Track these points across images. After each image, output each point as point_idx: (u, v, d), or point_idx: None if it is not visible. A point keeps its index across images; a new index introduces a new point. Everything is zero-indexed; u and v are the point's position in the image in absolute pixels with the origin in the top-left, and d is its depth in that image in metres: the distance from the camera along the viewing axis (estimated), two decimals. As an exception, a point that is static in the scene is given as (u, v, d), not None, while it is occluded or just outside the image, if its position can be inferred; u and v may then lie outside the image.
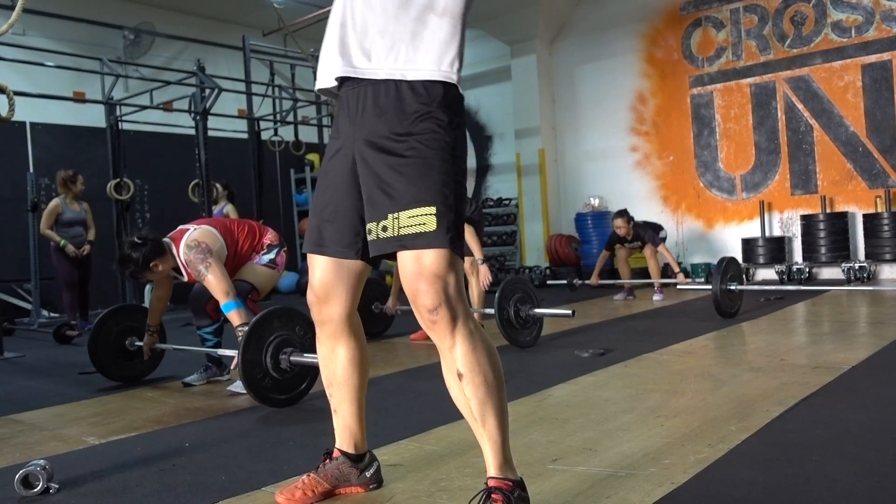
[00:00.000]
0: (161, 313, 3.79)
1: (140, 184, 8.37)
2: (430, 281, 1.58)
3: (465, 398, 1.63)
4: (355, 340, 1.91)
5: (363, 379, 1.94)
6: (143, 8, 9.28)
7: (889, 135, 7.64)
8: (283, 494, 1.92)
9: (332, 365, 1.92)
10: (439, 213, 1.59)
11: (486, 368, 1.62)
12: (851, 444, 2.20)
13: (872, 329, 4.55)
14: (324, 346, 1.92)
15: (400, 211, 1.61)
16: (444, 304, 1.58)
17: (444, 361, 1.66)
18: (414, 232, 1.59)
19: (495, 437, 1.64)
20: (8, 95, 4.77)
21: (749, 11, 8.47)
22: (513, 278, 4.60)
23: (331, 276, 1.83)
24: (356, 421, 1.95)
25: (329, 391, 1.95)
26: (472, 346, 1.61)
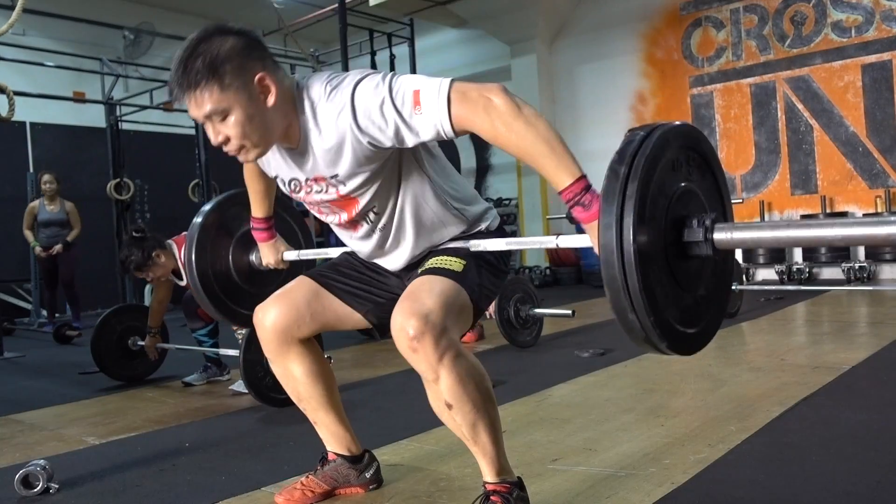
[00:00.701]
0: (161, 315, 3.79)
1: (140, 184, 8.36)
2: (419, 306, 1.48)
3: (455, 424, 1.59)
4: (307, 354, 1.83)
5: (328, 387, 1.88)
6: (143, 8, 9.29)
7: (889, 135, 7.64)
8: (282, 495, 1.92)
9: (292, 383, 1.87)
10: (467, 266, 1.62)
11: (473, 395, 1.54)
12: (851, 444, 2.20)
13: (872, 329, 4.54)
14: (277, 365, 1.86)
15: (432, 257, 1.65)
16: (427, 332, 1.46)
17: (428, 390, 1.58)
18: (436, 266, 1.61)
19: (489, 450, 1.63)
20: (8, 95, 4.77)
21: (749, 11, 8.46)
22: (513, 278, 4.60)
23: (300, 296, 1.78)
24: (339, 426, 1.94)
25: (301, 406, 1.92)
26: (458, 379, 1.51)
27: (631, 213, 1.12)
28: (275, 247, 2.03)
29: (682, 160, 1.26)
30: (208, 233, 2.09)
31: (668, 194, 1.22)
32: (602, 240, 1.14)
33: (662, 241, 1.20)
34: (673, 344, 1.23)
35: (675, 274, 1.23)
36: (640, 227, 1.13)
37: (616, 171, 1.16)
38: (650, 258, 1.16)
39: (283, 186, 1.74)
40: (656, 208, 1.18)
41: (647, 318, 1.16)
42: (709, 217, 1.22)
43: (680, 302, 1.25)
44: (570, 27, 9.96)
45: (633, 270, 1.12)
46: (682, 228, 1.23)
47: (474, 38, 9.97)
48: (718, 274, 1.37)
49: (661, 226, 1.20)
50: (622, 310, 1.17)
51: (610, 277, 1.15)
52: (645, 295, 1.14)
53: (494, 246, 1.61)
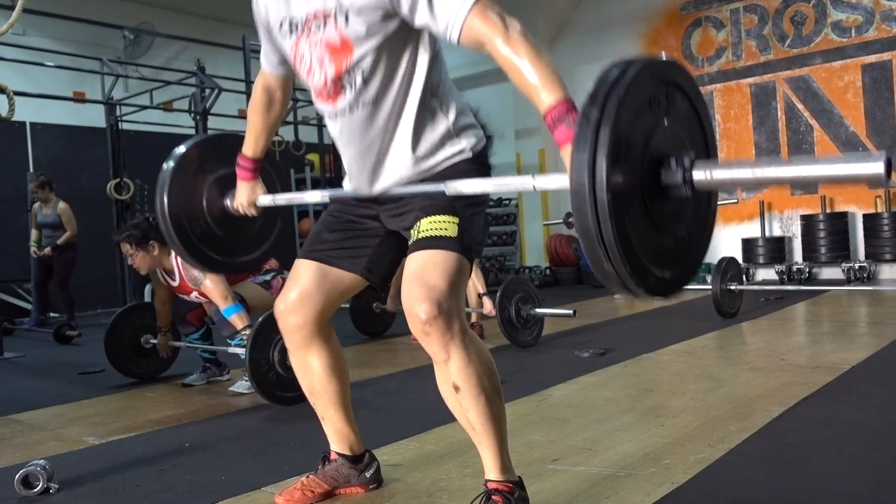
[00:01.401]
0: (168, 315, 3.78)
1: (140, 184, 8.35)
2: (429, 290, 1.53)
3: (461, 409, 1.61)
4: (328, 348, 1.86)
5: (343, 385, 1.91)
6: (143, 8, 9.28)
7: (889, 135, 7.64)
8: (282, 496, 1.93)
9: (308, 376, 1.88)
10: (461, 225, 1.61)
11: (482, 380, 1.58)
12: (851, 444, 2.20)
13: (872, 329, 4.54)
14: (296, 357, 1.88)
15: (423, 217, 1.63)
16: (438, 315, 1.52)
17: (438, 372, 1.62)
18: (433, 234, 1.60)
19: (493, 444, 1.63)
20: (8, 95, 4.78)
21: (749, 11, 8.46)
22: (514, 278, 4.60)
23: (311, 283, 1.80)
24: (346, 424, 1.95)
25: (312, 400, 1.93)
26: (468, 360, 1.57)
27: (603, 160, 1.06)
28: (253, 189, 1.97)
29: (661, 97, 1.20)
30: (180, 176, 2.00)
31: (644, 135, 1.15)
32: (574, 186, 1.09)
33: (639, 185, 1.14)
34: (650, 289, 1.18)
35: (652, 217, 1.17)
36: (614, 174, 1.07)
37: (588, 115, 1.10)
38: (626, 204, 1.11)
39: (280, 38, 1.70)
40: (632, 151, 1.12)
41: (624, 267, 1.11)
42: (688, 156, 1.16)
43: (658, 245, 1.20)
44: (570, 27, 9.96)
45: (606, 219, 1.07)
46: (660, 169, 1.17)
47: (474, 38, 9.96)
48: (700, 213, 1.31)
49: (637, 169, 1.13)
50: (597, 259, 1.12)
51: (583, 226, 1.10)
52: (620, 244, 1.09)
53: (470, 188, 1.55)
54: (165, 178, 1.99)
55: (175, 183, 1.99)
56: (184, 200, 2.00)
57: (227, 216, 2.06)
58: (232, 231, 2.10)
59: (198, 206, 2.03)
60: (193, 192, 2.03)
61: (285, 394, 3.11)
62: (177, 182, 1.99)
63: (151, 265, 3.47)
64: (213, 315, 3.49)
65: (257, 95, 1.92)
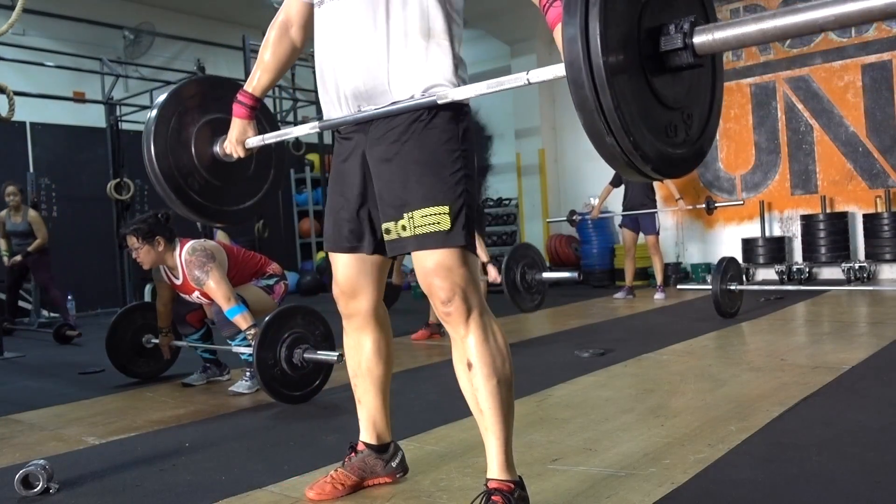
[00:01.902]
0: (169, 316, 3.78)
1: (140, 184, 8.36)
2: (444, 275, 1.61)
3: (472, 388, 1.64)
4: (381, 332, 1.94)
5: (388, 369, 1.96)
6: (143, 8, 9.28)
7: (889, 135, 7.64)
8: (313, 489, 1.94)
9: (358, 356, 1.94)
10: (452, 212, 1.61)
11: (496, 361, 1.64)
12: (851, 444, 2.20)
13: (872, 329, 4.54)
14: (350, 337, 1.95)
15: (413, 210, 1.62)
16: (457, 296, 1.61)
17: (455, 352, 1.68)
18: (429, 231, 1.61)
19: (499, 433, 1.64)
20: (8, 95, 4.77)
21: (749, 11, 8.46)
22: (522, 244, 4.64)
23: (354, 270, 1.86)
24: (380, 411, 1.97)
25: (354, 381, 1.97)
26: (484, 338, 1.63)
27: (596, 21, 1.01)
28: (245, 128, 1.93)
29: None
30: (166, 123, 1.94)
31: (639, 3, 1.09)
32: (567, 56, 1.03)
33: (637, 53, 1.08)
34: (659, 166, 1.13)
35: (654, 89, 1.11)
36: (609, 38, 1.02)
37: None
38: (624, 72, 1.04)
39: None
40: (626, 18, 1.06)
41: (627, 139, 1.05)
42: (687, 20, 1.09)
43: (663, 119, 1.14)
44: (570, 27, 9.95)
45: (604, 87, 1.01)
46: (658, 38, 1.10)
47: (474, 38, 9.97)
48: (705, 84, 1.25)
49: (634, 36, 1.07)
50: (598, 133, 1.06)
51: (580, 98, 1.04)
52: (621, 112, 1.03)
53: (462, 94, 1.52)
54: (151, 126, 1.93)
55: (161, 128, 1.92)
56: (171, 147, 1.95)
57: (218, 163, 2.02)
58: (222, 177, 2.05)
59: (187, 151, 1.99)
60: (180, 137, 1.98)
61: (291, 392, 3.11)
62: (163, 127, 1.93)
63: (155, 261, 3.47)
64: (214, 316, 3.49)
65: (272, 31, 1.91)
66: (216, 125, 2.03)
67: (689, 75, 1.19)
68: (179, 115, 1.99)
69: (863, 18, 0.98)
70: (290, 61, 1.94)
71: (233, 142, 1.94)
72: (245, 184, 2.14)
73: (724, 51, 1.15)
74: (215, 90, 2.11)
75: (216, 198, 2.06)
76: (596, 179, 9.64)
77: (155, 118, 1.95)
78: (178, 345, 3.87)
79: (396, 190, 1.64)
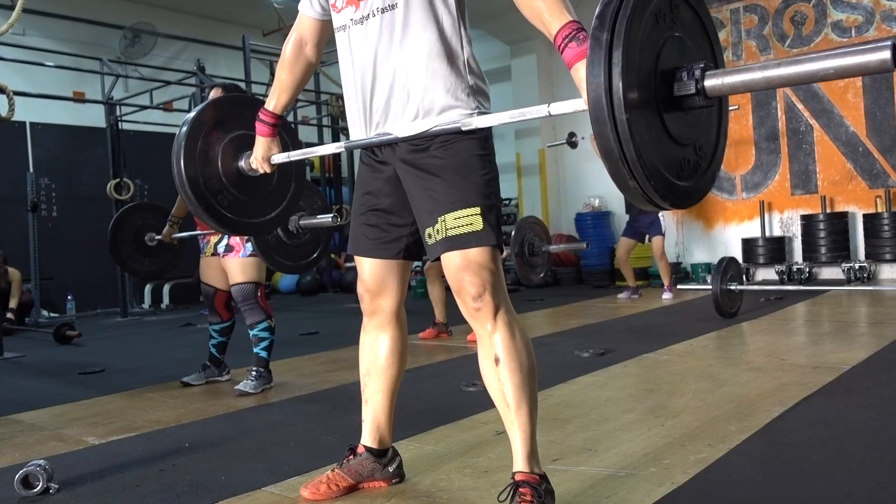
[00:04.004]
0: (185, 209, 3.76)
1: (140, 184, 8.37)
2: (475, 271, 1.66)
3: (499, 383, 1.68)
4: (399, 331, 1.97)
5: (401, 370, 1.99)
6: (143, 8, 9.28)
7: (889, 135, 7.64)
8: (307, 489, 1.95)
9: (374, 353, 1.97)
10: (483, 213, 1.69)
11: (522, 355, 1.68)
12: (851, 444, 2.20)
13: (872, 329, 4.54)
14: (368, 335, 1.98)
15: (446, 214, 1.69)
16: (487, 292, 1.66)
17: (481, 348, 1.71)
18: (462, 232, 1.68)
19: (526, 426, 1.68)
20: (8, 95, 4.78)
21: (749, 11, 8.46)
22: (528, 217, 4.69)
23: (380, 270, 1.91)
24: (385, 414, 1.99)
25: (365, 381, 1.99)
26: (511, 333, 1.68)
27: (619, 81, 1.10)
28: (270, 145, 2.01)
29: (666, 9, 1.22)
30: (196, 140, 2.06)
31: (654, 50, 1.18)
32: (593, 111, 1.12)
33: (654, 100, 1.18)
34: (675, 201, 1.24)
35: (670, 130, 1.21)
36: (630, 94, 1.11)
37: (599, 38, 1.13)
38: (644, 122, 1.14)
39: None
40: (644, 68, 1.15)
41: (648, 183, 1.15)
42: (698, 67, 1.19)
43: (678, 157, 1.24)
44: (570, 27, 9.95)
45: (628, 139, 1.11)
46: (672, 82, 1.20)
47: (474, 38, 9.90)
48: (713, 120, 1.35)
49: (651, 85, 1.17)
50: (622, 179, 1.17)
51: (606, 149, 1.14)
52: (643, 161, 1.13)
53: (486, 122, 1.60)
54: (180, 141, 2.03)
55: (190, 146, 2.03)
56: (200, 162, 2.05)
57: (242, 177, 2.11)
58: (246, 191, 2.15)
59: (213, 166, 2.09)
60: (208, 153, 2.08)
61: (289, 261, 3.12)
62: (191, 145, 2.04)
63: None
64: (236, 295, 3.45)
65: (287, 51, 1.98)
66: (240, 141, 2.12)
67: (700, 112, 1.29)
68: (206, 135, 2.08)
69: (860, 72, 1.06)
70: (307, 78, 2.03)
71: (259, 159, 2.02)
72: (268, 196, 2.24)
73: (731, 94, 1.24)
74: (238, 108, 2.19)
75: (242, 211, 2.17)
76: (596, 180, 9.64)
77: (184, 136, 2.04)
78: (180, 236, 3.89)
79: (429, 197, 1.72)
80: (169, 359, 4.75)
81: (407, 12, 1.69)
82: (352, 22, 1.75)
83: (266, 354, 3.45)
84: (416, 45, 1.70)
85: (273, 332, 3.48)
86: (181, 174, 2.01)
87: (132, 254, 4.03)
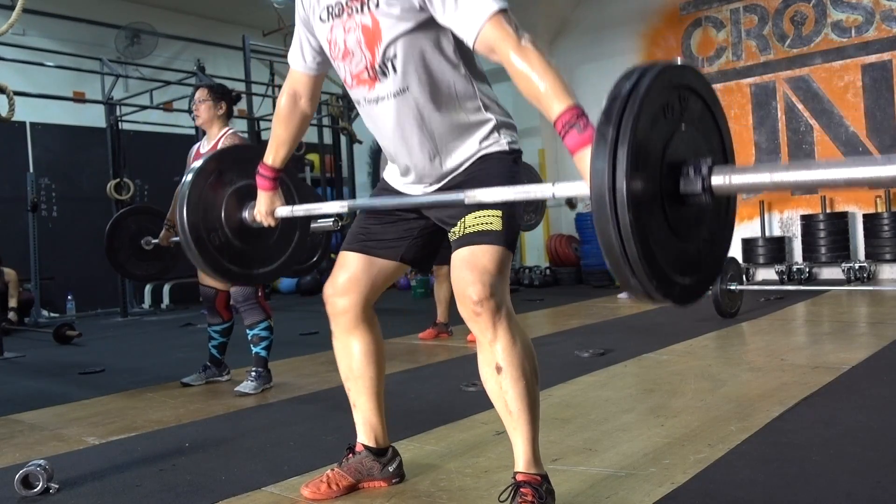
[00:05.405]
0: None
1: (140, 184, 8.36)
2: (480, 273, 1.62)
3: (500, 391, 1.66)
4: (370, 334, 1.94)
5: (379, 372, 1.96)
6: (143, 8, 9.28)
7: (889, 135, 7.63)
8: (308, 488, 1.95)
9: (348, 359, 1.95)
10: (504, 217, 1.68)
11: (524, 364, 1.66)
12: (851, 444, 2.20)
13: (872, 329, 4.54)
14: (339, 340, 1.96)
15: (467, 214, 1.69)
16: (489, 297, 1.61)
17: (481, 354, 1.69)
18: (479, 230, 1.67)
19: (527, 432, 1.67)
20: (8, 95, 4.78)
21: (749, 11, 8.46)
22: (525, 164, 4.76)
23: (359, 269, 1.88)
24: (375, 415, 1.98)
25: (347, 385, 1.98)
26: (513, 341, 1.64)
27: (623, 181, 1.07)
28: (272, 199, 2.01)
29: (675, 102, 1.19)
30: (200, 189, 2.05)
31: (661, 144, 1.15)
32: (595, 210, 1.10)
33: (659, 196, 1.14)
34: (676, 298, 1.20)
35: (673, 225, 1.18)
36: (635, 193, 1.08)
37: (604, 134, 1.10)
38: (648, 220, 1.11)
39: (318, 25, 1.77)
40: (649, 163, 1.12)
41: (650, 282, 1.13)
42: (705, 163, 1.15)
43: (682, 253, 1.21)
44: (570, 27, 9.96)
45: (630, 239, 1.08)
46: (678, 177, 1.16)
47: (474, 38, 9.95)
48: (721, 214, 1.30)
49: (656, 180, 1.13)
50: (624, 277, 1.14)
51: (607, 245, 1.11)
52: (645, 260, 1.10)
53: (490, 197, 1.57)
54: (185, 190, 2.03)
55: (194, 195, 2.03)
56: (203, 212, 2.04)
57: (245, 228, 2.10)
58: (249, 242, 2.14)
59: (216, 217, 2.07)
60: (212, 203, 2.07)
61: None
62: (195, 194, 2.03)
63: (209, 119, 3.61)
64: (237, 296, 3.46)
65: (282, 105, 1.97)
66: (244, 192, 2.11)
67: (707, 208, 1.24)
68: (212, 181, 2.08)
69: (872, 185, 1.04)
70: (304, 129, 2.02)
71: (262, 213, 2.02)
72: (271, 246, 2.23)
73: (739, 193, 1.21)
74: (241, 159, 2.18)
75: (244, 262, 2.15)
76: (596, 179, 9.64)
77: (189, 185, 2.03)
78: (177, 240, 3.90)
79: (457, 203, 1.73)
80: (169, 359, 4.75)
81: (421, 93, 1.67)
82: (365, 100, 1.75)
83: (265, 354, 3.46)
84: (437, 121, 1.71)
85: (272, 331, 3.49)
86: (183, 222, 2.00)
87: (129, 258, 4.04)
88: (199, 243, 2.02)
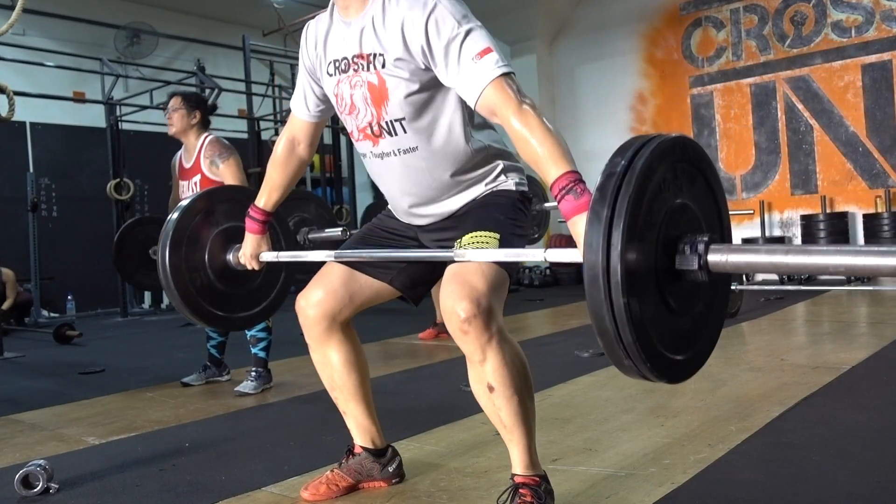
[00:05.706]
0: None
1: (140, 184, 8.36)
2: (469, 290, 1.55)
3: (494, 408, 1.63)
4: (346, 343, 1.89)
5: (362, 378, 1.94)
6: (143, 8, 9.27)
7: (889, 135, 7.64)
8: (308, 490, 1.95)
9: (329, 370, 1.92)
10: (502, 240, 1.67)
11: (516, 382, 1.61)
12: (851, 444, 2.20)
13: (872, 329, 4.54)
14: (315, 352, 1.92)
15: (465, 234, 1.69)
16: (477, 315, 1.53)
17: (472, 371, 1.64)
18: (474, 247, 1.65)
19: (523, 441, 1.66)
20: (8, 95, 4.77)
21: (749, 11, 8.46)
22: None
23: (337, 281, 1.84)
24: (367, 418, 1.97)
25: (333, 395, 1.96)
26: (503, 361, 1.59)
27: (618, 264, 1.04)
28: (259, 242, 1.99)
29: (670, 177, 1.16)
30: (184, 228, 2.02)
31: (657, 221, 1.11)
32: (589, 291, 1.08)
33: (654, 274, 1.11)
34: (671, 377, 1.19)
35: (668, 302, 1.15)
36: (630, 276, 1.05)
37: (598, 214, 1.07)
38: (642, 301, 1.08)
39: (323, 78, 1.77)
40: (645, 242, 1.09)
41: (644, 364, 1.11)
42: (702, 240, 1.12)
43: (676, 330, 1.18)
44: (570, 27, 9.96)
45: (624, 323, 1.06)
46: (674, 253, 1.13)
47: (474, 38, 9.95)
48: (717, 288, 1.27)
49: (652, 258, 1.10)
50: (618, 358, 1.12)
51: (601, 328, 1.09)
52: (639, 343, 1.08)
53: (481, 257, 1.56)
54: (169, 228, 2.00)
55: (177, 235, 1.99)
56: (186, 252, 2.01)
57: (230, 270, 2.07)
58: (232, 285, 2.10)
59: (200, 258, 2.04)
60: (197, 244, 2.03)
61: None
62: (179, 234, 2.00)
63: (183, 129, 3.46)
64: None
65: (279, 149, 1.96)
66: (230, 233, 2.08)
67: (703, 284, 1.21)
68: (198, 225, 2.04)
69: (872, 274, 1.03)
70: (300, 174, 2.01)
71: (247, 255, 1.99)
72: (255, 291, 2.19)
73: (735, 272, 1.19)
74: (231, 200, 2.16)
75: (225, 306, 2.10)
76: (596, 179, 9.64)
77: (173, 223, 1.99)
78: None
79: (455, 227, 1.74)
80: (169, 359, 4.75)
81: (430, 152, 1.69)
82: (371, 154, 1.76)
83: (265, 354, 3.46)
84: (445, 177, 1.72)
85: (271, 332, 3.49)
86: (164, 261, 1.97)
87: (138, 268, 4.04)
88: (178, 285, 1.98)
